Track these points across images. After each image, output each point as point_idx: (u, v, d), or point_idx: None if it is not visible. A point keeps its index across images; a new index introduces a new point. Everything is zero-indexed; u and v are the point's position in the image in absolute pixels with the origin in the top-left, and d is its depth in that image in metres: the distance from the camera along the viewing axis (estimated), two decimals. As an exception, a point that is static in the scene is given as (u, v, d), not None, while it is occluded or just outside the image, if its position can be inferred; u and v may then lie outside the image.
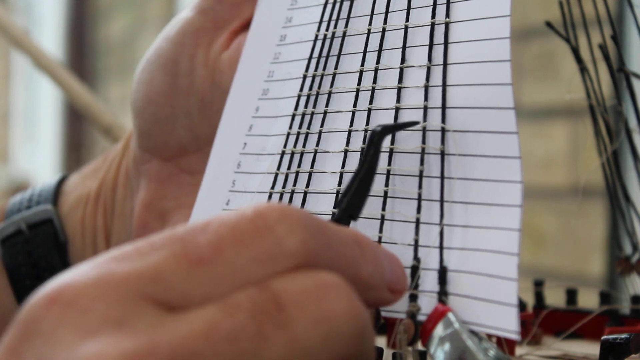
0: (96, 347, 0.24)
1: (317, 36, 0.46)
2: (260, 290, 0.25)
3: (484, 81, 0.39)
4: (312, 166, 0.43)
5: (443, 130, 0.39)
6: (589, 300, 0.59)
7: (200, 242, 0.26)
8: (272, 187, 0.44)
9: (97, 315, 0.25)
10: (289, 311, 0.25)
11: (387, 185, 0.40)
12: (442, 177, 0.38)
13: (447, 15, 0.41)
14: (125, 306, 0.25)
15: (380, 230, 0.39)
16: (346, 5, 0.46)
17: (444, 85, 0.40)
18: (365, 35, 0.44)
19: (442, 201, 0.38)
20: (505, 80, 0.38)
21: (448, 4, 0.41)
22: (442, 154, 0.39)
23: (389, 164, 0.40)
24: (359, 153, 0.42)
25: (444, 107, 0.40)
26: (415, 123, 0.39)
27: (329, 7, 0.46)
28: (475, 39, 0.40)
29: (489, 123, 0.38)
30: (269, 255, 0.26)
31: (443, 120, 0.39)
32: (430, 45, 0.41)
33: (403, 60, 0.42)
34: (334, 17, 0.46)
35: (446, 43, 0.41)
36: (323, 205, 0.42)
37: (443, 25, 0.41)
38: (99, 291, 0.25)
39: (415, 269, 0.37)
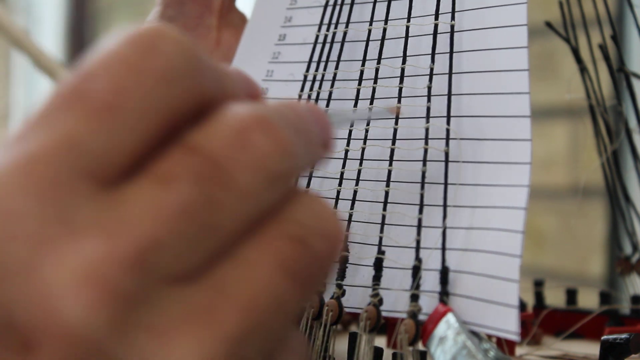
0: (56, 263, 0.21)
1: (325, 37, 0.46)
2: (189, 154, 0.23)
3: (501, 90, 0.39)
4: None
5: (447, 133, 0.39)
6: (589, 300, 0.59)
7: (95, 88, 0.23)
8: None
9: (32, 217, 0.22)
10: (226, 167, 0.23)
11: (388, 185, 0.40)
12: (446, 179, 0.38)
13: (453, 17, 0.41)
14: (58, 195, 0.22)
15: (381, 231, 0.39)
16: (354, 7, 0.46)
17: (449, 91, 0.40)
18: (374, 38, 0.44)
19: (445, 204, 0.38)
20: (523, 89, 0.38)
21: (453, 10, 0.41)
22: (447, 155, 0.39)
23: (390, 165, 0.40)
24: (359, 153, 0.42)
25: (449, 111, 0.40)
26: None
27: (335, 8, 0.46)
28: (492, 48, 0.40)
29: (504, 130, 0.38)
30: (166, 76, 0.24)
31: (448, 122, 0.39)
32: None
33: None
34: (343, 19, 0.46)
35: (451, 47, 0.41)
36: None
37: (460, 32, 0.41)
38: (19, 183, 0.22)
39: (417, 269, 0.37)
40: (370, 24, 0.44)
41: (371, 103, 0.42)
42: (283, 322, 0.24)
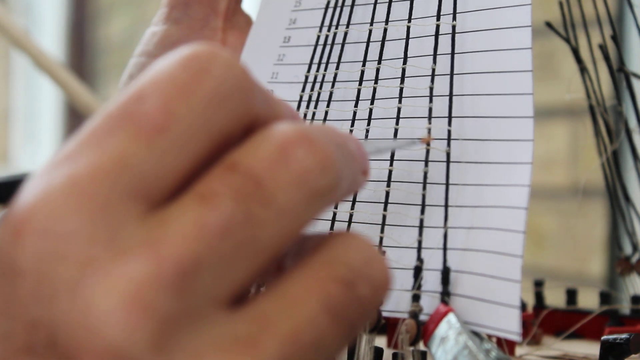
0: (101, 284, 0.22)
1: (326, 38, 0.46)
2: (229, 172, 0.23)
3: (505, 91, 0.39)
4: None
5: (449, 134, 0.39)
6: (589, 300, 0.59)
7: (146, 110, 0.23)
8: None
9: (83, 238, 0.22)
10: (267, 184, 0.23)
11: (388, 185, 0.40)
12: (447, 180, 0.38)
13: (454, 18, 0.41)
14: (108, 216, 0.22)
15: (382, 231, 0.39)
16: (357, 9, 0.46)
17: (451, 92, 0.40)
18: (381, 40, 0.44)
19: (446, 204, 0.38)
20: (527, 90, 0.38)
21: (455, 11, 0.41)
22: (448, 156, 0.39)
23: (391, 165, 0.40)
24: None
25: (450, 111, 0.40)
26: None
27: (336, 10, 0.46)
28: (496, 49, 0.40)
29: (506, 131, 0.38)
30: (216, 98, 0.24)
31: (449, 123, 0.39)
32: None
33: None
34: (346, 21, 0.46)
35: (453, 47, 0.41)
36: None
37: (464, 33, 0.41)
38: (71, 204, 0.22)
39: (418, 270, 0.37)
40: (371, 25, 0.44)
41: (372, 103, 0.43)
42: (320, 359, 0.24)
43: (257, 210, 0.23)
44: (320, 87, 0.45)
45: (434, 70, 0.41)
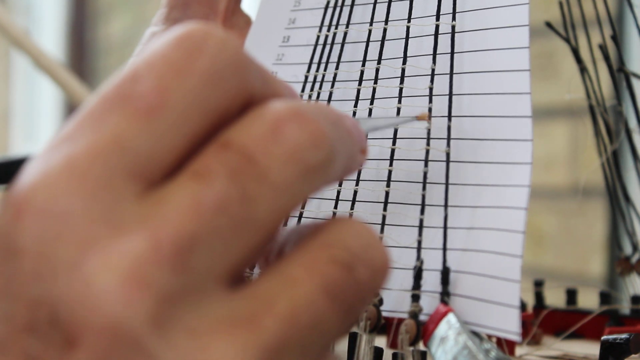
0: (99, 261, 0.22)
1: (326, 37, 0.46)
2: (225, 149, 0.24)
3: (503, 90, 0.39)
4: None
5: (449, 134, 0.39)
6: (589, 300, 0.59)
7: (141, 90, 0.23)
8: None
9: (82, 217, 0.22)
10: (260, 161, 0.23)
11: (388, 185, 0.40)
12: (447, 179, 0.38)
13: (454, 18, 0.41)
14: (106, 195, 0.22)
15: (382, 231, 0.39)
16: (357, 8, 0.46)
17: (450, 92, 0.40)
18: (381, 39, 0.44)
19: (446, 204, 0.38)
20: (524, 89, 0.38)
21: (454, 11, 0.41)
22: (448, 156, 0.39)
23: (391, 165, 0.40)
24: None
25: (449, 111, 0.40)
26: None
27: (335, 9, 0.46)
28: (494, 48, 0.40)
29: (505, 130, 0.38)
30: (211, 77, 0.24)
31: (449, 123, 0.39)
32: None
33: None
34: (345, 20, 0.46)
35: (452, 47, 0.41)
36: (325, 204, 0.42)
37: (462, 33, 0.41)
38: (70, 184, 0.23)
39: (418, 270, 0.37)
40: (371, 25, 0.44)
41: (371, 103, 0.43)
42: (319, 342, 0.24)
43: (251, 186, 0.23)
44: (320, 87, 0.45)
45: (433, 70, 0.41)
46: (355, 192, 0.41)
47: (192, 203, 0.23)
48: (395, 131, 0.41)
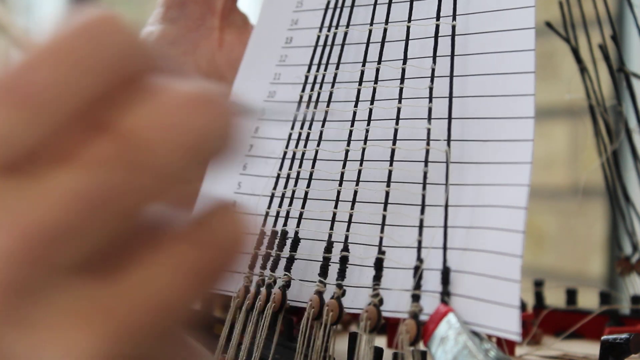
0: None
1: (326, 38, 0.46)
2: (111, 138, 0.23)
3: (507, 92, 0.39)
4: (312, 166, 0.43)
5: (449, 134, 0.39)
6: (589, 300, 0.59)
7: (7, 78, 0.23)
8: (274, 189, 0.44)
9: None
10: (150, 148, 0.23)
11: (388, 185, 0.40)
12: (447, 180, 0.38)
13: (454, 18, 0.41)
14: None
15: (382, 231, 0.39)
16: (359, 9, 0.46)
17: (451, 93, 0.40)
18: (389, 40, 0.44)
19: (446, 204, 0.38)
20: (529, 91, 0.38)
21: (454, 11, 0.41)
22: (447, 156, 0.39)
23: (391, 165, 0.40)
24: (359, 153, 0.42)
25: (450, 112, 0.40)
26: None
27: (336, 10, 0.46)
28: (500, 51, 0.40)
29: (507, 131, 0.38)
30: (83, 58, 0.23)
31: (449, 124, 0.39)
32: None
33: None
34: (346, 21, 0.46)
35: (453, 48, 0.41)
36: (325, 205, 0.42)
37: (467, 35, 0.41)
38: None
39: (418, 270, 0.37)
40: (372, 25, 0.44)
41: (372, 104, 0.43)
42: (172, 326, 0.24)
43: (140, 177, 0.23)
44: (320, 88, 0.45)
45: (433, 70, 0.41)
46: (356, 192, 0.41)
47: (72, 191, 0.22)
48: (396, 131, 0.41)
